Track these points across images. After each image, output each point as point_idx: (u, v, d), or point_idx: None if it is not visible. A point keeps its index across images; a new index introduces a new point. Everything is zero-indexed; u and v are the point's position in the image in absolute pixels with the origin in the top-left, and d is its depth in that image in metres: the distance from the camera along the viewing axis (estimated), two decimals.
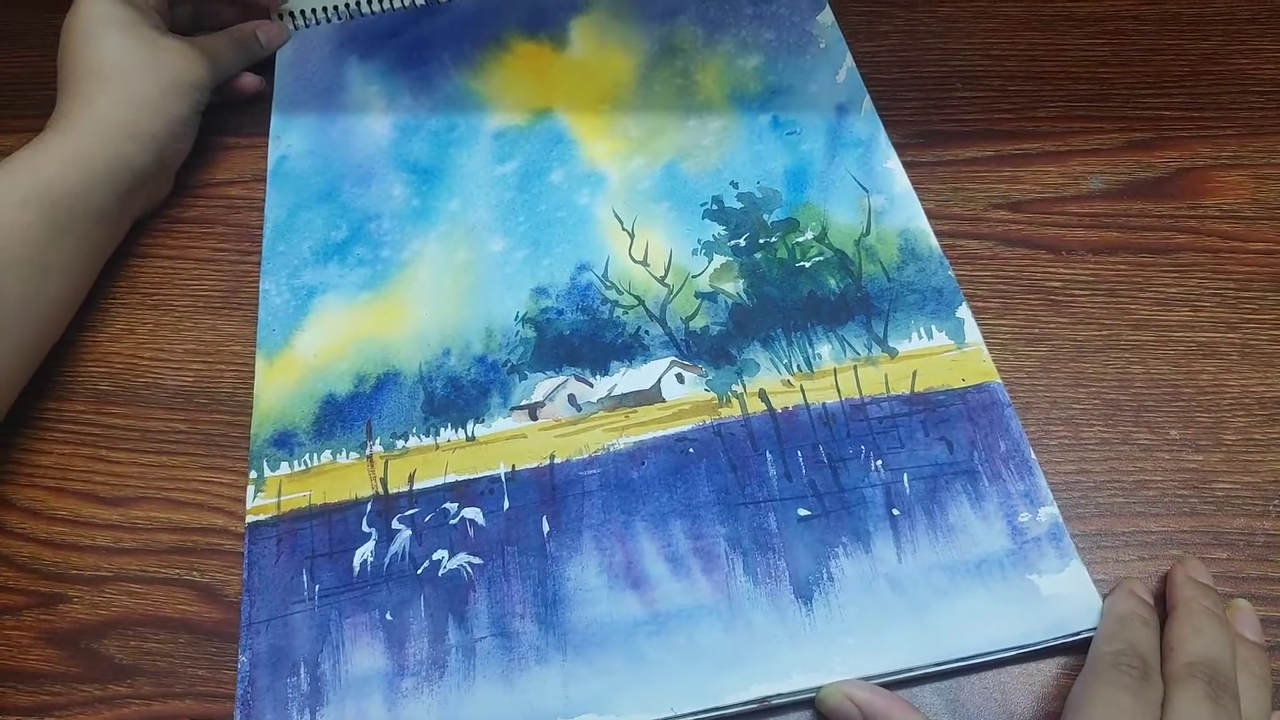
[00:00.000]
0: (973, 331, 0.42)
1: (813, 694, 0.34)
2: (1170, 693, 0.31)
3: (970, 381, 0.40)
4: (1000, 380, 0.40)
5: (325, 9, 0.56)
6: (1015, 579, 0.36)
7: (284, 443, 0.41)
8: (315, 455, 0.41)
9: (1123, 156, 0.47)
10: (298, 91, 0.53)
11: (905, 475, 0.38)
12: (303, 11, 0.56)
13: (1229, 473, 0.38)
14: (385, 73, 0.54)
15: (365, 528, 0.39)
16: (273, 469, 0.41)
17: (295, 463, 0.41)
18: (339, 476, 0.40)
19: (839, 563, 0.37)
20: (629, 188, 0.48)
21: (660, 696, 0.34)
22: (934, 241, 0.44)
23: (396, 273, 0.46)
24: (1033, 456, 0.38)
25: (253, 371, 0.44)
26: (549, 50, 0.54)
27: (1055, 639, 0.34)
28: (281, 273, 0.46)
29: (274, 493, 0.40)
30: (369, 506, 0.40)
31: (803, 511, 0.38)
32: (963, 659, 0.35)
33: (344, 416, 0.42)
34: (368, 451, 0.41)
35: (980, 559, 0.36)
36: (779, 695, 0.34)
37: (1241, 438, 0.39)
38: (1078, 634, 0.34)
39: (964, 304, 0.43)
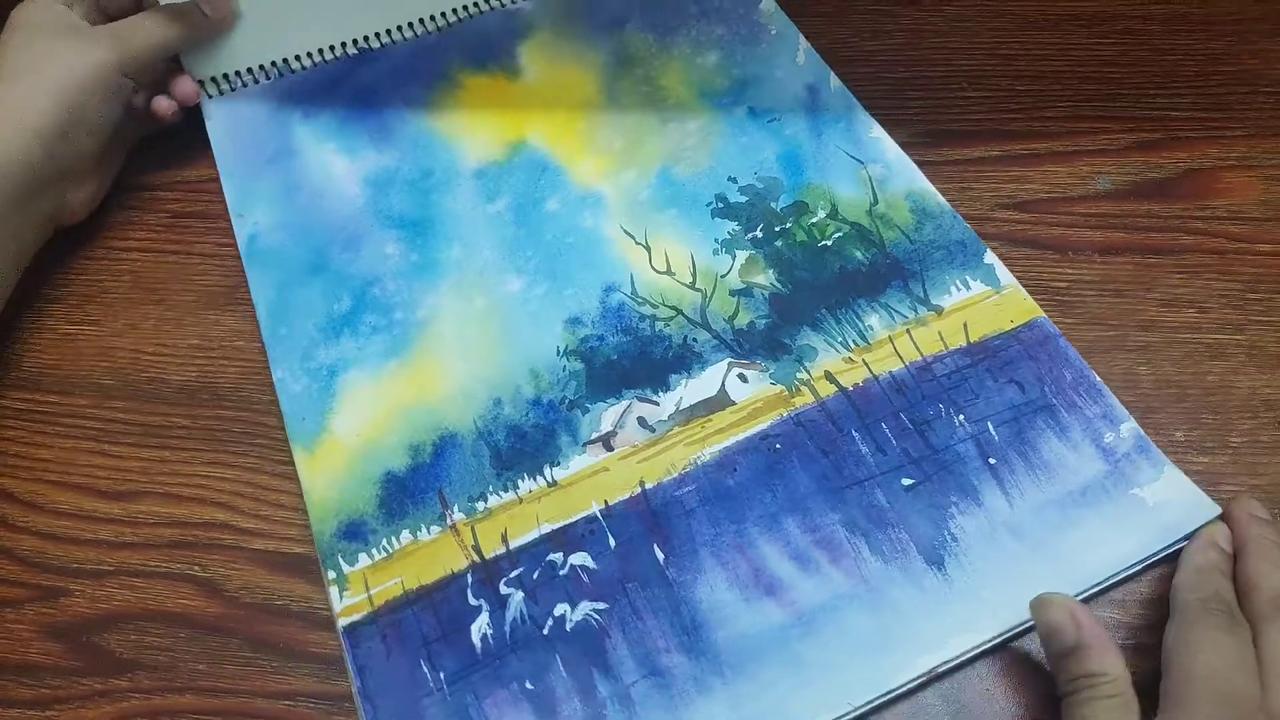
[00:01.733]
0: (1004, 274, 0.43)
1: (974, 653, 0.35)
2: (1261, 629, 0.31)
3: (1019, 321, 0.42)
4: (1044, 314, 0.42)
5: (250, 70, 0.52)
6: (1120, 497, 0.37)
7: (355, 534, 0.39)
8: (393, 539, 0.38)
9: (1131, 157, 0.47)
10: (245, 163, 0.50)
11: (989, 424, 0.39)
12: (225, 76, 0.52)
13: (1235, 475, 0.38)
14: (337, 128, 0.51)
15: (472, 600, 0.37)
16: (351, 564, 0.38)
17: (374, 551, 0.38)
18: (427, 555, 0.38)
19: (956, 522, 0.37)
20: (629, 201, 0.47)
21: (832, 694, 0.34)
22: (941, 198, 0.46)
23: (418, 333, 0.44)
24: (1098, 379, 0.40)
25: (256, 366, 0.43)
26: (503, 80, 0.53)
27: (1174, 542, 0.36)
28: (292, 358, 0.43)
29: (361, 588, 0.37)
30: (469, 578, 0.37)
31: (906, 481, 0.38)
32: (1098, 584, 0.36)
33: (411, 492, 0.40)
34: (449, 522, 0.39)
35: (1083, 486, 0.38)
36: (944, 663, 0.34)
37: (1248, 440, 0.39)
38: (1195, 532, 0.36)
39: (988, 250, 0.44)
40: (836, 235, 0.45)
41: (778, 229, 0.46)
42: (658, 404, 0.41)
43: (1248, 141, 0.47)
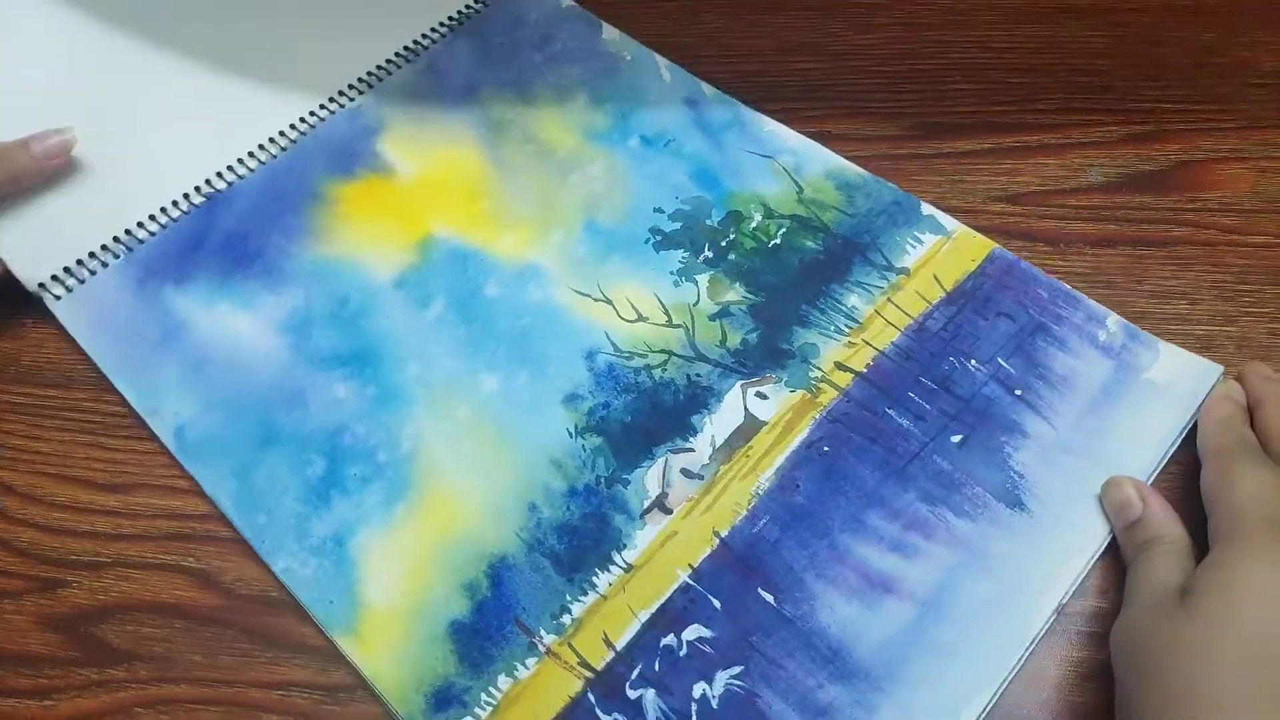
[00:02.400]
0: (946, 219, 0.45)
1: (1086, 571, 0.36)
2: None
3: (979, 258, 0.44)
4: (997, 245, 0.44)
5: (92, 254, 0.46)
6: (1135, 385, 0.40)
7: (448, 700, 0.35)
8: (491, 689, 0.35)
9: (1122, 149, 0.47)
10: (130, 353, 0.44)
11: (999, 360, 0.41)
12: (66, 270, 0.45)
13: None
14: (220, 284, 0.46)
15: (605, 717, 0.34)
16: None
17: (479, 710, 0.35)
18: (536, 691, 0.35)
19: (1016, 460, 0.38)
20: (568, 262, 0.45)
21: (988, 662, 0.34)
22: (858, 168, 0.47)
23: (412, 468, 0.40)
24: (1068, 287, 0.43)
25: None
26: (377, 180, 0.49)
27: (1199, 406, 0.39)
28: (288, 543, 0.38)
29: None
30: (590, 697, 0.35)
31: (955, 438, 0.39)
32: (1157, 467, 0.38)
33: (487, 633, 0.36)
34: (541, 648, 0.36)
35: (1103, 387, 0.40)
36: (1066, 594, 0.36)
37: None
38: (1211, 390, 0.39)
39: (922, 202, 0.46)
40: (781, 232, 0.46)
41: (724, 243, 0.45)
42: (693, 449, 0.40)
43: (1240, 133, 0.47)
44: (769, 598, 0.36)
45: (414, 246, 0.46)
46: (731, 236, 0.46)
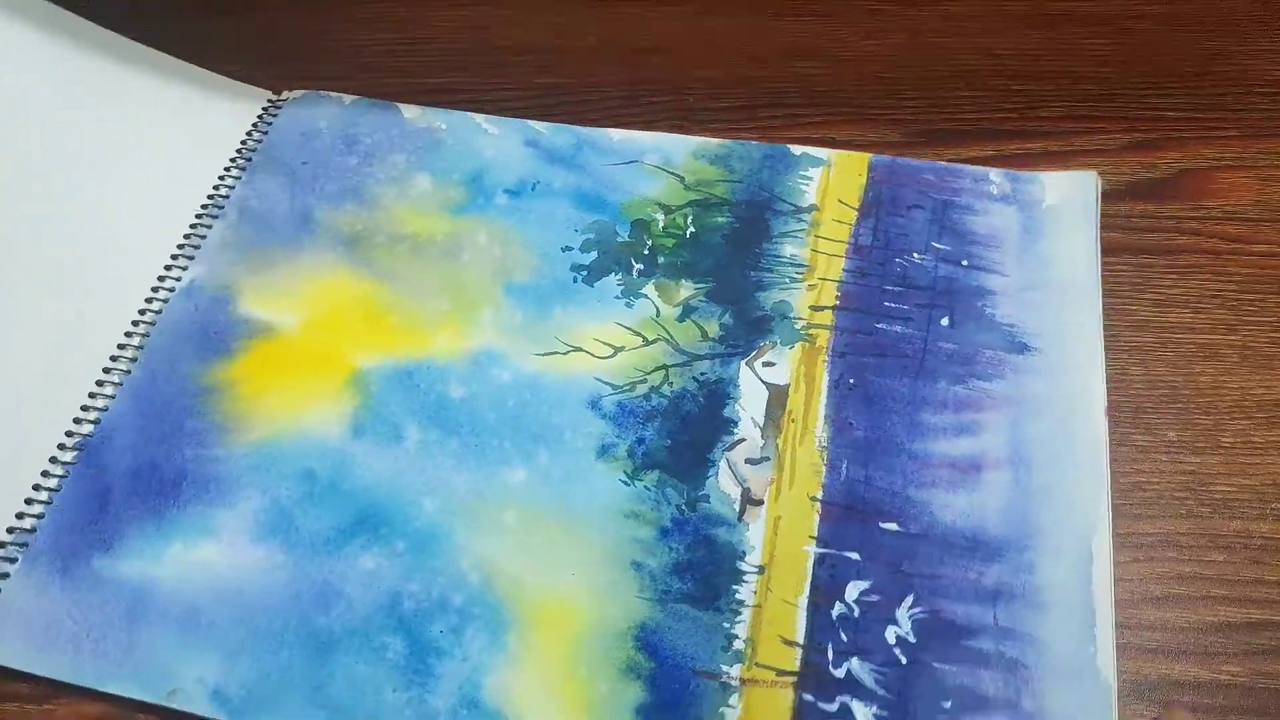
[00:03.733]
0: (817, 151, 0.49)
1: (1104, 379, 0.41)
2: None
3: (864, 171, 0.48)
4: (869, 153, 0.48)
5: None
6: (1041, 214, 0.46)
7: None
8: None
9: (1126, 157, 0.47)
10: (99, 649, 0.36)
11: (933, 244, 0.45)
12: None
13: (1227, 475, 0.38)
14: (158, 528, 0.39)
15: (830, 706, 0.34)
16: None
17: None
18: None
19: (998, 314, 0.42)
20: (515, 331, 0.44)
21: (1086, 480, 0.38)
22: (715, 139, 0.49)
23: (495, 593, 0.37)
24: (940, 162, 0.47)
25: None
26: (263, 344, 0.44)
27: (1098, 208, 0.45)
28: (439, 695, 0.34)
29: None
30: (805, 696, 0.34)
31: (943, 321, 0.43)
32: (1099, 266, 0.43)
33: (676, 700, 0.34)
34: (735, 682, 0.35)
35: (1021, 227, 0.45)
36: (1102, 410, 0.40)
37: (1240, 440, 0.39)
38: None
39: (788, 146, 0.49)
40: (690, 220, 0.47)
41: (645, 252, 0.46)
42: (744, 438, 0.40)
43: (1243, 142, 0.47)
44: (892, 526, 0.37)
45: (347, 389, 0.42)
46: (649, 243, 0.46)
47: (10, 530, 0.39)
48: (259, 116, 0.52)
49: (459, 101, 0.52)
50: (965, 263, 0.44)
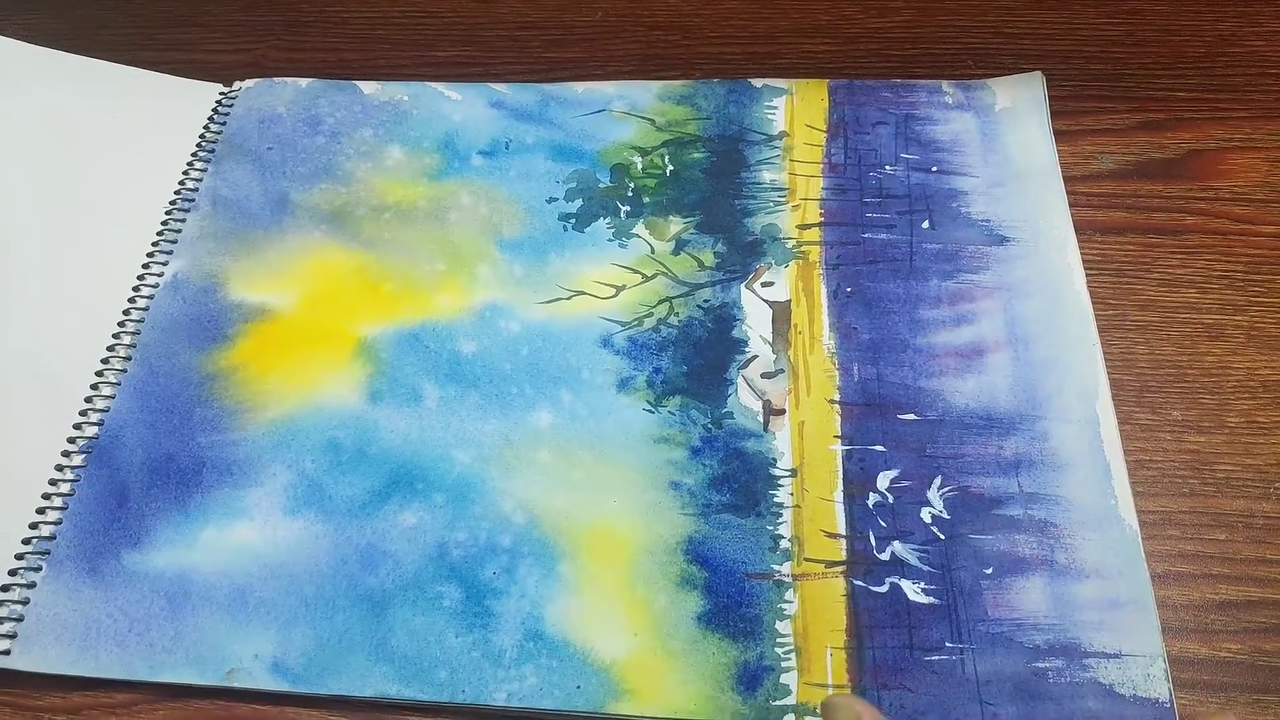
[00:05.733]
0: (777, 81, 0.50)
1: (1079, 259, 0.43)
2: None
3: (826, 97, 0.49)
4: (827, 80, 0.50)
5: (5, 586, 0.37)
6: (995, 117, 0.48)
7: (753, 678, 0.34)
8: (778, 641, 0.35)
9: (1135, 137, 0.47)
10: (145, 639, 0.36)
11: (902, 155, 0.47)
12: None
13: (1231, 455, 0.38)
14: (186, 516, 0.38)
15: (884, 586, 0.36)
16: (787, 686, 0.34)
17: (784, 662, 0.34)
18: (814, 612, 0.35)
19: (973, 211, 0.45)
20: (515, 284, 0.44)
21: (1082, 344, 0.40)
22: (677, 81, 0.50)
23: (542, 529, 0.37)
24: (896, 80, 0.49)
25: None
26: (262, 326, 0.44)
27: (1047, 99, 0.47)
28: (488, 674, 0.35)
29: (822, 672, 0.34)
30: (857, 582, 0.36)
31: (924, 224, 0.45)
32: (1054, 150, 0.46)
33: (735, 603, 0.36)
34: (788, 579, 0.36)
35: (979, 131, 0.47)
36: (1081, 268, 0.43)
37: (1245, 420, 0.39)
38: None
39: (748, 80, 0.50)
40: (668, 159, 0.48)
41: (630, 194, 0.47)
42: (755, 355, 0.41)
43: (1252, 123, 0.47)
44: (910, 417, 0.39)
45: (357, 358, 0.42)
46: (632, 185, 0.47)
47: (26, 540, 0.38)
48: (213, 109, 0.51)
49: (470, 74, 0.52)
50: (935, 169, 0.46)
